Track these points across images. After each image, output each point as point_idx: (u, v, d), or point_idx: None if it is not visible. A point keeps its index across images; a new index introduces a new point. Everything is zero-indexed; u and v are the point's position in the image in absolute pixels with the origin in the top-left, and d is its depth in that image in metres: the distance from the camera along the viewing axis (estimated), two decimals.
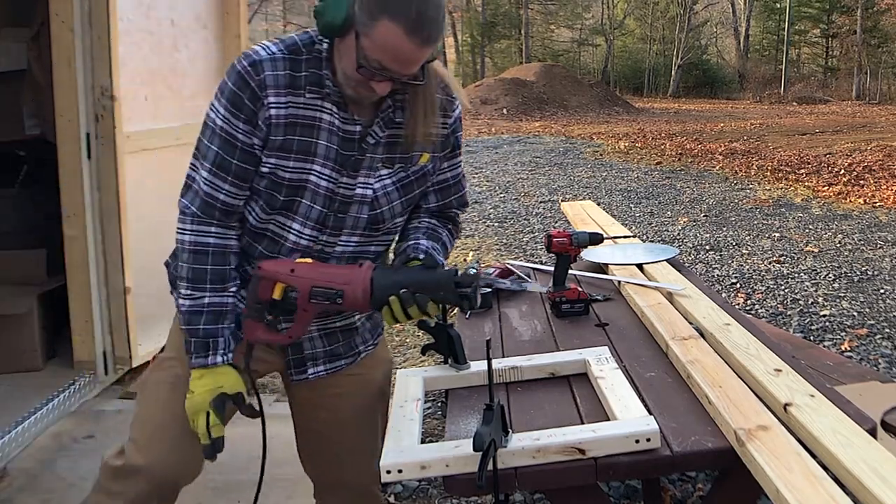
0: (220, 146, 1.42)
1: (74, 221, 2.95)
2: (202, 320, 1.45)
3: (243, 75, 1.38)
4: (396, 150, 1.49)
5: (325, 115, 1.42)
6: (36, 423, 2.70)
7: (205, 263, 1.45)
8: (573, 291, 2.15)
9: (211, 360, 1.46)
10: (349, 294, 1.40)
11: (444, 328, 1.67)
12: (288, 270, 1.42)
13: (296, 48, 1.41)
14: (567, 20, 37.41)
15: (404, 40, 1.28)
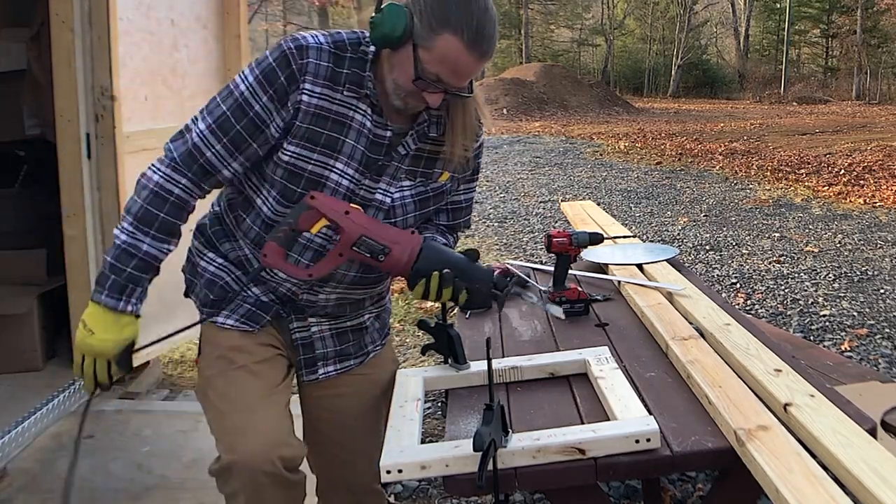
0: (230, 107, 1.40)
1: (74, 221, 2.94)
2: (132, 264, 1.42)
3: (287, 55, 1.38)
4: (421, 164, 1.51)
5: (357, 115, 1.42)
6: (36, 423, 2.70)
7: (160, 210, 1.42)
8: (573, 291, 2.15)
9: (122, 306, 1.42)
10: (395, 254, 1.39)
11: (444, 328, 1.67)
12: (343, 211, 1.38)
13: (342, 45, 1.41)
14: (567, 20, 37.43)
15: (464, 54, 1.32)
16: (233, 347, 1.53)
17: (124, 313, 1.43)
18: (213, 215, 1.61)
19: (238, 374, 1.51)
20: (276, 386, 1.54)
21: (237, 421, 1.45)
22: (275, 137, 1.41)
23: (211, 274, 1.57)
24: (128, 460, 2.65)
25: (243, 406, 1.47)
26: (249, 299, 1.56)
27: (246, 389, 1.49)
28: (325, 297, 1.55)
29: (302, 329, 1.58)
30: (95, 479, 2.55)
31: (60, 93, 2.88)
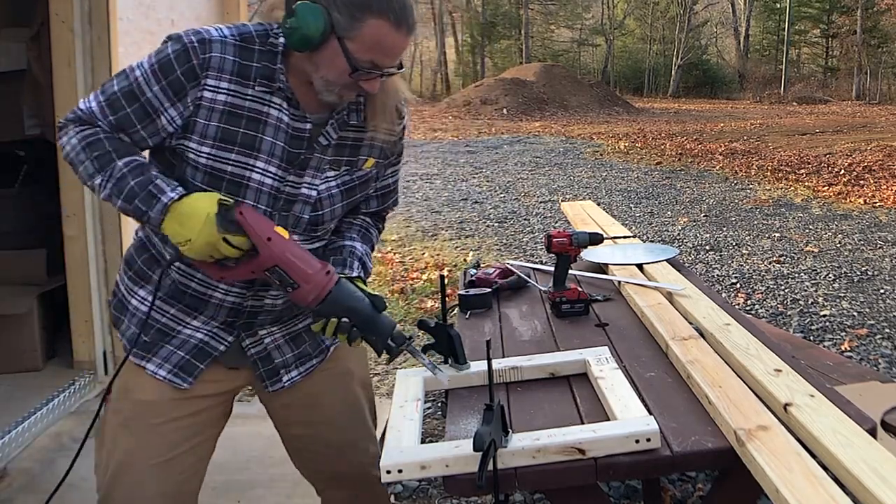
0: (122, 90, 1.35)
1: (74, 221, 2.94)
2: (130, 179, 1.32)
3: (188, 49, 1.32)
4: (345, 153, 1.47)
5: (272, 110, 1.37)
6: (36, 423, 2.70)
7: (104, 147, 1.34)
8: (573, 291, 2.15)
9: (167, 198, 1.32)
10: (303, 291, 1.36)
11: (444, 328, 1.67)
12: (265, 237, 1.33)
13: (250, 37, 1.36)
14: (567, 20, 37.42)
15: (392, 33, 1.31)
16: (149, 403, 1.47)
17: (177, 200, 1.32)
18: (138, 242, 1.53)
19: (140, 430, 1.46)
20: (181, 447, 1.50)
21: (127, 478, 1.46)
22: (167, 131, 1.36)
23: (144, 314, 1.48)
24: None
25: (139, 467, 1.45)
26: (187, 345, 1.49)
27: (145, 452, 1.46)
28: (270, 301, 1.51)
29: (255, 344, 1.54)
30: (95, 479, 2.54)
31: (60, 93, 2.88)
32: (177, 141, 1.37)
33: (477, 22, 35.55)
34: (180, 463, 1.49)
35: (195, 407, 1.52)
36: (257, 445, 2.68)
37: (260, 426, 2.72)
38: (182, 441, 1.50)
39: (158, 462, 1.47)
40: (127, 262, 1.54)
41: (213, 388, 1.54)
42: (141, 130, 1.36)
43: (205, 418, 1.54)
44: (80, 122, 1.37)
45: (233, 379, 1.58)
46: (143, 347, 1.49)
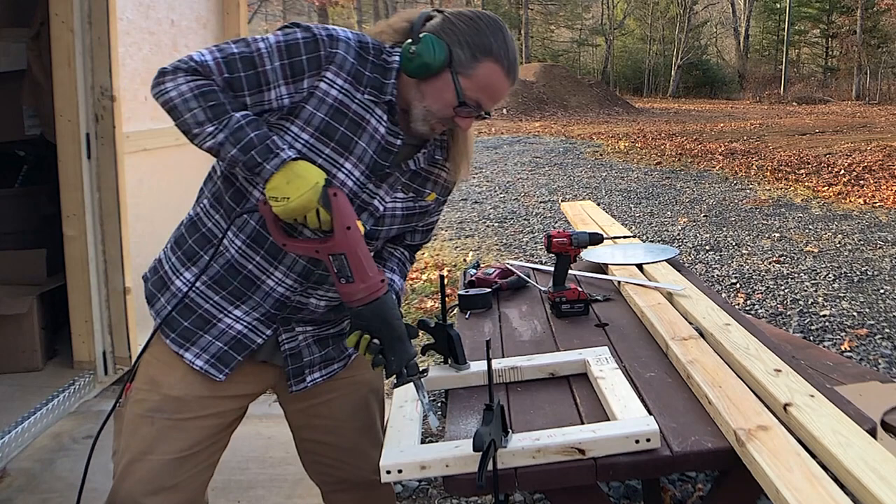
0: (241, 54, 1.36)
1: (74, 221, 2.95)
2: (249, 130, 1.33)
3: (318, 39, 1.37)
4: (417, 182, 1.53)
5: (373, 119, 1.42)
6: (36, 423, 2.70)
7: (217, 98, 1.34)
8: (573, 291, 2.15)
9: (285, 155, 1.34)
10: (354, 287, 1.39)
11: (444, 328, 1.67)
12: (345, 225, 1.36)
13: (367, 47, 1.42)
14: (567, 20, 37.43)
15: (503, 80, 1.41)
16: (177, 399, 1.49)
17: (293, 160, 1.35)
18: (189, 222, 1.54)
19: (168, 426, 1.48)
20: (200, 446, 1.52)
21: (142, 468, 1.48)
22: (271, 106, 1.38)
23: (187, 298, 1.50)
24: None
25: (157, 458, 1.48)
26: (226, 335, 1.50)
27: (166, 445, 1.48)
28: (315, 301, 1.53)
29: (290, 339, 1.55)
30: (95, 479, 2.54)
31: (60, 93, 2.88)
32: (277, 119, 1.40)
33: None
34: (196, 459, 1.51)
35: (220, 407, 1.53)
36: (257, 445, 2.69)
37: (260, 426, 2.73)
38: (203, 439, 1.52)
39: (176, 457, 1.48)
40: (176, 241, 1.54)
41: (240, 389, 1.56)
42: (247, 97, 1.37)
43: (226, 419, 1.56)
44: (191, 72, 1.35)
45: (260, 381, 1.60)
46: (183, 335, 1.50)
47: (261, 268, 1.47)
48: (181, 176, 3.30)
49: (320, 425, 1.68)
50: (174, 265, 1.53)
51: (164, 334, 1.52)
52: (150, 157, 3.15)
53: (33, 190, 3.57)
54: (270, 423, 2.79)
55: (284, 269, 1.47)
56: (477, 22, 1.40)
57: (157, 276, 1.56)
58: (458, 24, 1.40)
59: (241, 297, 1.49)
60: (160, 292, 1.54)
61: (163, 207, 3.22)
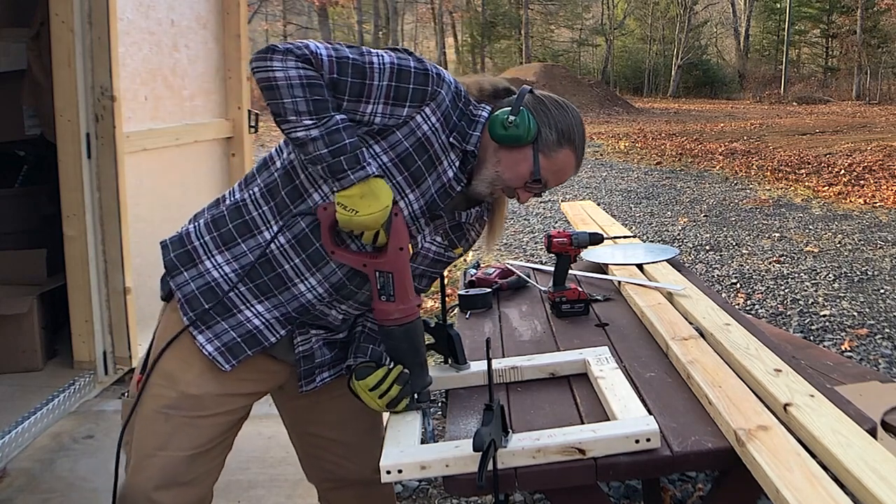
0: (353, 61, 1.37)
1: (74, 221, 2.94)
2: (345, 136, 1.35)
3: (429, 75, 1.41)
4: (455, 232, 1.56)
5: (446, 162, 1.46)
6: (36, 423, 2.70)
7: (323, 95, 1.35)
8: (573, 291, 2.15)
9: (371, 170, 1.36)
10: (392, 307, 1.42)
11: (444, 328, 1.67)
12: (398, 246, 1.41)
13: (461, 94, 1.47)
14: (567, 20, 37.42)
15: (573, 168, 1.53)
16: (194, 398, 1.50)
17: (372, 177, 1.37)
18: (234, 206, 1.51)
19: (183, 423, 1.50)
20: (212, 443, 1.54)
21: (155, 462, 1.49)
22: (362, 119, 1.39)
23: (214, 282, 1.49)
24: None
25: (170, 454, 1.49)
26: (242, 328, 1.50)
27: (179, 442, 1.49)
28: (336, 313, 1.54)
29: (304, 342, 1.56)
30: (96, 479, 2.55)
31: (60, 93, 2.88)
32: (363, 133, 1.41)
33: (477, 22, 35.55)
34: (208, 456, 1.53)
35: (233, 405, 1.55)
36: (257, 445, 2.69)
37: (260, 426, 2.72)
38: (215, 437, 1.53)
39: (190, 454, 1.49)
40: (214, 221, 1.52)
41: (252, 387, 1.57)
42: (345, 102, 1.38)
43: (237, 417, 1.58)
44: (303, 59, 1.35)
45: (271, 379, 1.61)
46: (201, 317, 1.49)
47: (297, 270, 1.47)
48: (181, 176, 3.30)
49: (325, 421, 1.69)
50: (206, 245, 1.51)
51: (183, 311, 1.50)
52: (150, 157, 3.15)
53: (33, 190, 3.57)
54: (270, 423, 2.79)
55: (320, 278, 1.48)
56: (566, 111, 1.52)
57: (184, 250, 1.53)
58: (550, 108, 1.50)
59: (267, 294, 1.49)
60: (184, 266, 1.52)
61: (163, 207, 3.22)
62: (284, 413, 1.75)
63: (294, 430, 1.76)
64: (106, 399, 3.10)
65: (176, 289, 1.52)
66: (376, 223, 1.37)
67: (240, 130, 3.68)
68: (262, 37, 31.66)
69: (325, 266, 1.47)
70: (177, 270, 1.52)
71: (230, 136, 3.65)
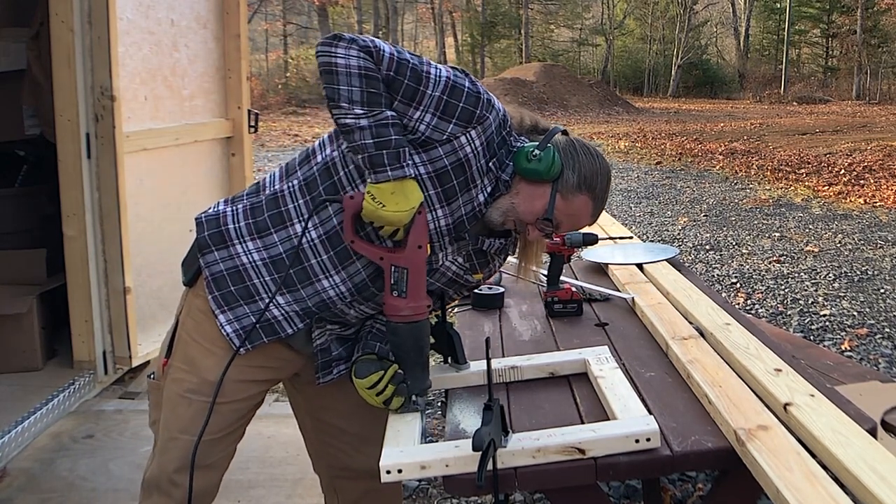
0: (412, 66, 1.40)
1: (74, 221, 2.94)
2: (392, 131, 1.37)
3: (480, 99, 1.43)
4: (479, 258, 1.57)
5: (479, 186, 1.47)
6: (36, 423, 2.70)
7: (379, 89, 1.38)
8: (566, 291, 2.15)
9: (408, 171, 1.39)
10: (403, 303, 1.43)
11: (444, 328, 1.67)
12: (419, 243, 1.42)
13: (506, 124, 1.49)
14: (567, 20, 37.41)
15: (588, 216, 1.52)
16: (210, 382, 1.54)
17: (408, 178, 1.40)
18: (272, 196, 1.54)
19: (205, 409, 1.54)
20: (230, 428, 1.60)
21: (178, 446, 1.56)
22: (408, 124, 1.41)
23: (242, 266, 1.52)
24: (128, 460, 2.65)
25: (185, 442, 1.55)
26: (262, 315, 1.53)
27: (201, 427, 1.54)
28: (354, 313, 1.56)
29: (321, 335, 1.59)
30: (95, 479, 2.55)
31: (60, 93, 2.88)
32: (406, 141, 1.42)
33: (477, 22, 35.53)
34: (226, 441, 1.60)
35: (251, 391, 1.60)
36: (257, 445, 2.69)
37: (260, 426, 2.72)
38: (233, 422, 1.59)
39: (211, 438, 1.55)
40: (252, 208, 1.55)
41: (268, 374, 1.61)
42: (397, 102, 1.40)
43: (253, 403, 1.63)
44: (366, 51, 1.38)
45: (288, 367, 1.65)
46: (225, 297, 1.54)
47: (323, 266, 1.50)
48: (181, 176, 3.30)
49: (336, 408, 1.72)
50: (240, 230, 1.54)
51: (209, 290, 1.55)
52: (150, 157, 3.15)
53: (33, 190, 3.57)
54: (270, 423, 2.79)
55: (344, 276, 1.50)
56: (594, 159, 1.50)
57: (218, 231, 1.56)
58: (579, 151, 1.49)
59: (290, 287, 1.52)
60: (216, 246, 1.55)
61: (163, 207, 3.22)
62: (298, 399, 1.79)
63: (307, 417, 1.79)
64: (106, 399, 3.10)
65: (205, 266, 1.55)
66: (400, 221, 1.39)
67: (240, 130, 3.68)
68: (262, 37, 31.67)
69: (351, 265, 1.49)
70: (208, 248, 1.56)
71: (230, 135, 3.64)
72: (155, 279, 3.15)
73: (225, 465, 1.63)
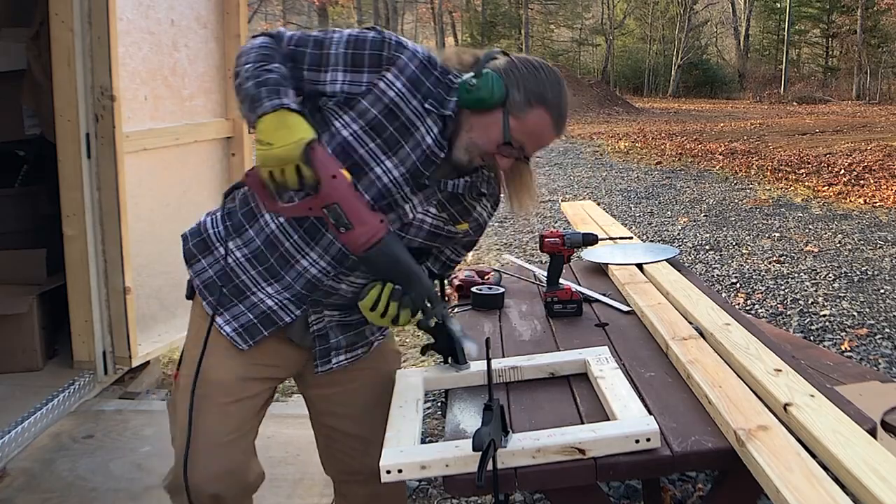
0: (314, 37, 1.48)
1: (74, 221, 2.94)
2: (273, 74, 1.41)
3: (385, 41, 1.46)
4: (454, 206, 1.57)
5: (422, 128, 1.47)
6: (36, 423, 2.70)
7: (270, 52, 1.46)
8: (566, 291, 2.15)
9: (287, 101, 1.38)
10: (355, 234, 1.42)
11: (444, 328, 1.67)
12: (330, 174, 1.39)
13: (433, 63, 1.49)
14: (567, 20, 37.39)
15: (550, 129, 1.48)
16: (219, 383, 1.57)
17: (289, 109, 1.39)
18: (242, 196, 1.60)
19: (211, 410, 1.57)
20: (244, 428, 1.62)
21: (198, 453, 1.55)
22: (322, 87, 1.46)
23: (228, 267, 1.57)
24: (128, 460, 2.65)
25: (206, 442, 1.56)
26: (257, 308, 1.56)
27: (212, 427, 1.57)
28: (346, 287, 1.57)
29: (318, 321, 1.61)
30: (95, 479, 2.55)
31: (60, 93, 2.88)
32: (331, 106, 1.47)
33: (477, 21, 35.52)
34: (241, 442, 1.60)
35: (257, 389, 1.62)
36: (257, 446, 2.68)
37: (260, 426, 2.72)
38: (244, 422, 1.61)
39: (225, 441, 1.57)
40: (229, 212, 1.61)
41: (271, 373, 1.64)
42: (304, 70, 1.47)
43: (262, 401, 1.65)
44: (268, 35, 1.51)
45: (289, 364, 1.66)
46: (220, 300, 1.57)
47: (297, 246, 1.52)
48: (181, 176, 3.30)
49: (341, 413, 1.74)
50: (220, 233, 1.59)
51: (202, 296, 1.59)
52: (150, 157, 3.15)
53: (33, 190, 3.56)
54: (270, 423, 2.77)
55: (320, 251, 1.52)
56: (538, 71, 1.47)
57: (200, 239, 1.61)
58: (521, 68, 1.47)
59: (275, 275, 1.55)
60: (201, 254, 1.60)
61: (163, 207, 3.22)
62: (308, 401, 1.80)
63: (314, 421, 1.81)
64: (106, 399, 3.10)
65: (195, 276, 1.60)
66: (291, 155, 1.36)
67: (240, 130, 3.67)
68: None
69: (322, 238, 1.51)
70: (195, 259, 1.61)
71: (230, 135, 3.64)
72: (155, 279, 3.15)
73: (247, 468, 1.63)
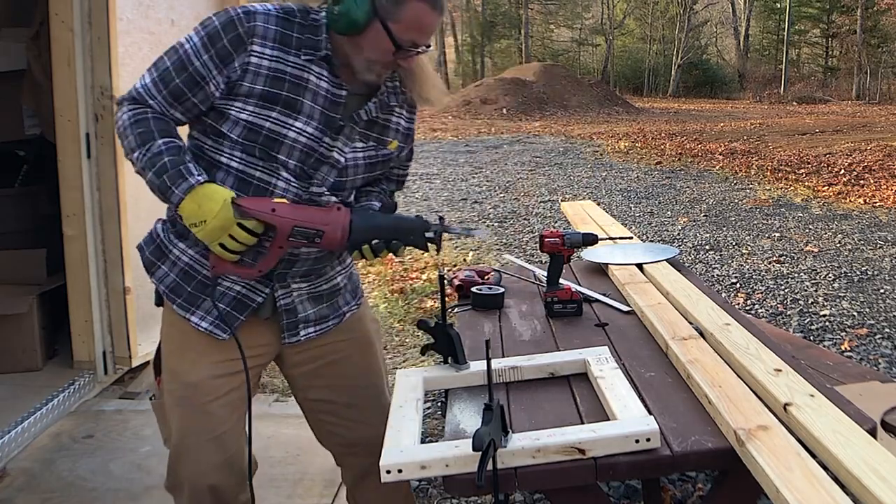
0: (173, 63, 1.47)
1: (74, 221, 2.94)
2: (165, 157, 1.43)
3: (234, 19, 1.44)
4: (374, 130, 1.59)
5: (312, 76, 1.48)
6: (36, 423, 2.70)
7: (148, 126, 1.45)
8: (566, 291, 2.15)
9: (194, 180, 1.43)
10: (329, 234, 1.46)
11: (444, 328, 1.67)
12: (269, 209, 1.44)
13: (291, 11, 1.48)
14: (567, 20, 37.42)
15: (430, 14, 1.44)
16: (195, 385, 1.58)
17: (202, 185, 1.44)
18: None
19: (195, 410, 1.59)
20: (229, 422, 1.62)
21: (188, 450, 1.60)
22: (214, 95, 1.46)
23: (186, 265, 1.58)
24: (128, 460, 2.65)
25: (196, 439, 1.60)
26: (226, 297, 1.57)
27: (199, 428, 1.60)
28: (306, 249, 1.59)
29: (286, 295, 1.62)
30: (95, 479, 2.55)
31: (60, 93, 2.88)
32: (221, 101, 1.47)
33: (477, 22, 35.55)
34: (231, 436, 1.62)
35: (237, 381, 1.61)
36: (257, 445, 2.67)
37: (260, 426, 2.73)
38: (228, 416, 1.61)
39: (212, 437, 1.59)
40: (171, 220, 1.63)
41: (254, 361, 1.63)
42: (192, 98, 1.47)
43: (244, 391, 1.63)
44: (133, 102, 1.48)
45: (270, 348, 1.67)
46: (188, 300, 1.59)
47: None
48: None
49: (321, 385, 1.74)
50: (170, 237, 1.62)
51: (171, 300, 1.60)
52: None
53: (33, 190, 3.57)
54: (270, 423, 2.79)
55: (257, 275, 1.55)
56: None
57: (155, 246, 1.64)
58: None
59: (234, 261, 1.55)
60: (160, 260, 1.62)
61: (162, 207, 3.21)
62: (290, 380, 1.80)
63: (300, 401, 1.81)
64: (106, 399, 3.10)
65: (158, 282, 1.62)
66: (227, 218, 1.41)
67: None
68: None
69: None
70: (155, 266, 1.63)
71: None
72: None
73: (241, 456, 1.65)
